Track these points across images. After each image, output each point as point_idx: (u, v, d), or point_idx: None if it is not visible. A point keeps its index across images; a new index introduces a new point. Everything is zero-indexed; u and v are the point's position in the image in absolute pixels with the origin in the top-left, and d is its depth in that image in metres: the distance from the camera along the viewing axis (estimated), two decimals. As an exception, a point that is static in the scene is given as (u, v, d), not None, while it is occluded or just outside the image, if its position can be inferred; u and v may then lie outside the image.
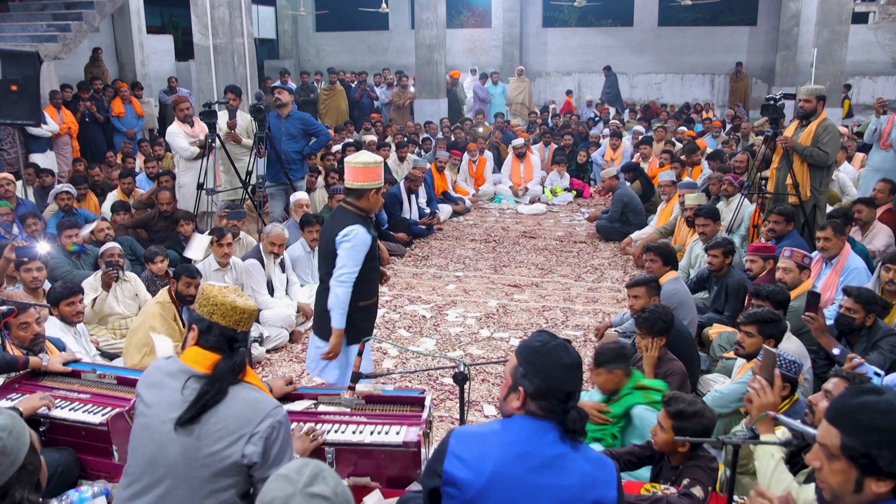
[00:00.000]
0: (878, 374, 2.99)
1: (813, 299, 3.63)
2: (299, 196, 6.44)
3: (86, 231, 4.53)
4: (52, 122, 8.39)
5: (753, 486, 2.57)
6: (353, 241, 3.38)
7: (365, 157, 3.56)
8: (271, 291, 5.36)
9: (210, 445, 2.08)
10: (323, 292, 3.56)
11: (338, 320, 3.46)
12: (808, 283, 4.35)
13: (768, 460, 2.44)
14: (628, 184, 8.64)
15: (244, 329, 2.21)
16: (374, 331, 5.40)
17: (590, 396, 3.52)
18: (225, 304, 2.16)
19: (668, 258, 4.69)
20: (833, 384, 2.60)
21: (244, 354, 2.19)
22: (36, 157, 8.23)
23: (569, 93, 15.57)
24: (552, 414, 1.80)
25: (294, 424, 2.90)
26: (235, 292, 2.24)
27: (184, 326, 4.31)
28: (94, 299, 4.78)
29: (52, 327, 4.03)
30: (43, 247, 4.63)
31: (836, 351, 3.53)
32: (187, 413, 2.08)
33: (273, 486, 1.45)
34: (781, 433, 2.65)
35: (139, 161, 8.98)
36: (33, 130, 7.98)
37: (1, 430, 1.55)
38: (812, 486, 2.33)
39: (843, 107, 12.07)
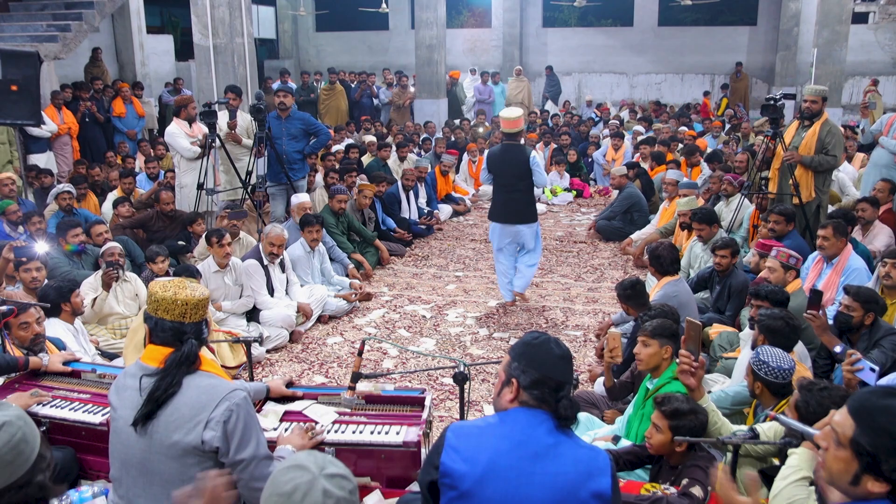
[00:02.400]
0: (873, 370, 2.99)
1: (815, 297, 3.62)
2: (303, 199, 6.40)
3: (41, 251, 4.52)
4: (51, 123, 8.38)
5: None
6: (539, 160, 5.59)
7: (514, 112, 5.52)
8: (271, 291, 5.35)
9: (169, 437, 2.09)
10: (520, 197, 5.58)
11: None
12: (796, 283, 4.33)
13: (794, 472, 2.41)
14: (631, 182, 8.62)
15: (192, 320, 2.20)
16: (374, 331, 5.43)
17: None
18: (165, 298, 2.17)
19: (663, 266, 4.61)
20: (794, 402, 2.59)
21: (194, 345, 2.19)
22: (35, 158, 8.22)
23: (706, 94, 15.34)
24: (544, 403, 1.85)
25: (295, 423, 2.90)
26: (178, 285, 2.23)
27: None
28: (94, 299, 4.77)
29: (53, 326, 4.03)
30: (41, 246, 4.63)
31: (837, 349, 3.53)
32: (142, 410, 2.11)
33: (287, 476, 1.47)
34: (770, 427, 2.65)
35: (139, 161, 8.99)
36: (32, 131, 7.98)
37: (17, 419, 1.60)
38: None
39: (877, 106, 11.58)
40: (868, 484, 1.50)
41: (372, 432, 2.86)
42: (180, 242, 6.16)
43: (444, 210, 8.82)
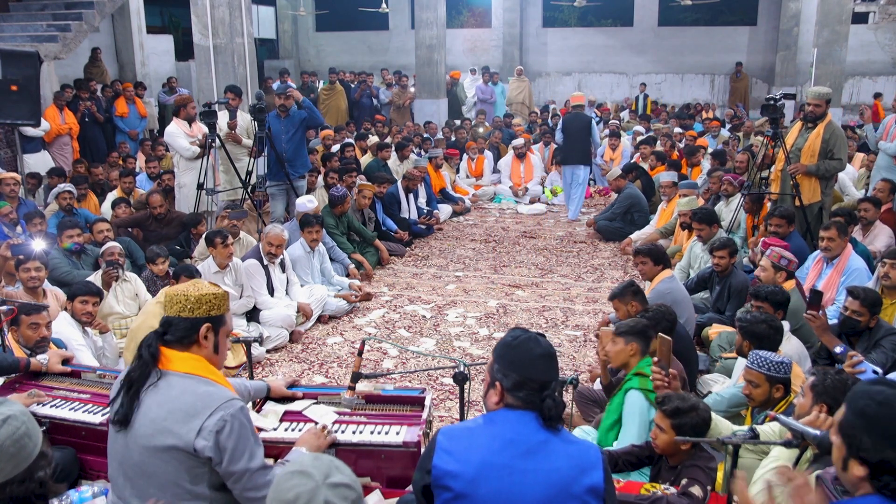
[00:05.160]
0: (875, 373, 2.99)
1: (815, 298, 3.62)
2: (315, 205, 6.36)
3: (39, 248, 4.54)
4: (44, 122, 8.36)
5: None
6: (595, 125, 8.49)
7: (579, 93, 9.13)
8: (271, 291, 5.35)
9: (163, 440, 2.07)
10: (581, 147, 8.58)
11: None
12: (788, 284, 4.31)
13: (773, 461, 2.47)
14: (631, 182, 8.62)
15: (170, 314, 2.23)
16: (374, 331, 5.43)
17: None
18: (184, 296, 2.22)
19: (658, 258, 4.66)
20: (810, 382, 2.61)
21: (173, 326, 2.20)
22: (28, 158, 8.20)
23: (877, 96, 14.30)
24: (530, 404, 1.84)
25: (310, 424, 2.89)
26: (194, 285, 2.25)
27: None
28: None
29: (63, 323, 4.03)
30: (38, 244, 4.62)
31: (838, 350, 3.52)
32: (123, 405, 2.11)
33: (290, 483, 1.45)
34: (770, 427, 2.66)
35: (141, 161, 8.98)
36: (26, 130, 7.96)
37: (21, 415, 1.62)
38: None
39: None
40: (853, 468, 1.55)
41: (372, 432, 2.85)
42: (178, 247, 6.15)
43: (444, 210, 8.82)
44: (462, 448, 1.83)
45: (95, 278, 4.87)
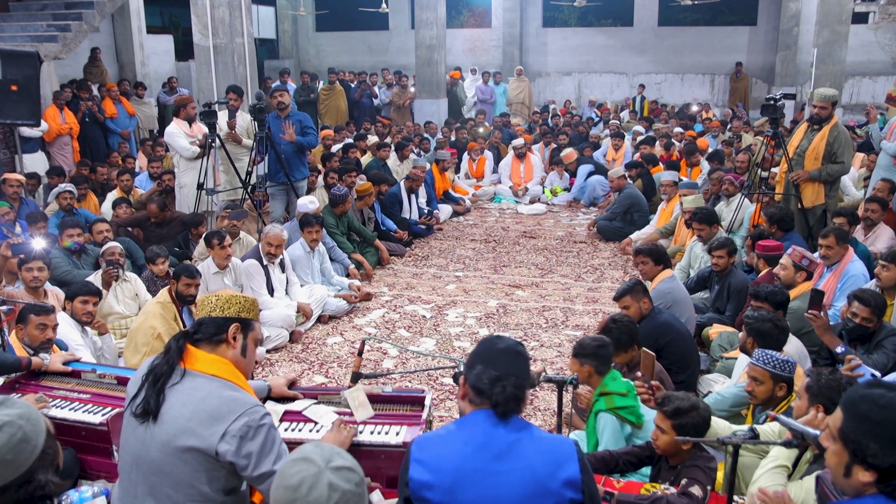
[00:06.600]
0: (873, 377, 2.99)
1: (816, 297, 3.62)
2: (318, 206, 6.37)
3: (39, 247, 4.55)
4: (43, 122, 8.36)
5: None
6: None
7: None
8: (271, 291, 5.35)
9: (185, 440, 2.07)
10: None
11: None
12: (806, 284, 4.32)
13: (772, 461, 2.47)
14: (631, 182, 8.63)
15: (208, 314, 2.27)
16: (374, 331, 5.43)
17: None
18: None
19: (659, 258, 4.66)
20: (805, 384, 2.62)
21: (203, 325, 2.22)
22: (26, 158, 8.19)
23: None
24: (482, 395, 1.86)
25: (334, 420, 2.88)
26: (225, 291, 2.35)
27: (184, 327, 4.32)
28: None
29: (62, 323, 4.03)
30: (38, 243, 4.62)
31: (839, 349, 3.52)
32: (148, 398, 2.11)
33: (294, 469, 1.47)
34: (770, 427, 2.66)
35: (143, 162, 8.98)
36: (24, 131, 7.96)
37: (19, 419, 1.59)
38: (801, 482, 2.35)
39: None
40: (858, 474, 1.54)
41: (372, 432, 2.85)
42: (177, 248, 6.15)
43: (444, 210, 8.82)
44: (434, 457, 1.84)
45: (95, 278, 4.87)
